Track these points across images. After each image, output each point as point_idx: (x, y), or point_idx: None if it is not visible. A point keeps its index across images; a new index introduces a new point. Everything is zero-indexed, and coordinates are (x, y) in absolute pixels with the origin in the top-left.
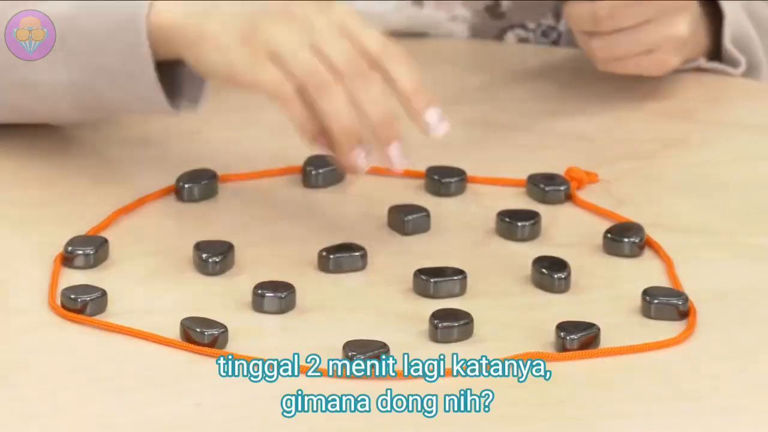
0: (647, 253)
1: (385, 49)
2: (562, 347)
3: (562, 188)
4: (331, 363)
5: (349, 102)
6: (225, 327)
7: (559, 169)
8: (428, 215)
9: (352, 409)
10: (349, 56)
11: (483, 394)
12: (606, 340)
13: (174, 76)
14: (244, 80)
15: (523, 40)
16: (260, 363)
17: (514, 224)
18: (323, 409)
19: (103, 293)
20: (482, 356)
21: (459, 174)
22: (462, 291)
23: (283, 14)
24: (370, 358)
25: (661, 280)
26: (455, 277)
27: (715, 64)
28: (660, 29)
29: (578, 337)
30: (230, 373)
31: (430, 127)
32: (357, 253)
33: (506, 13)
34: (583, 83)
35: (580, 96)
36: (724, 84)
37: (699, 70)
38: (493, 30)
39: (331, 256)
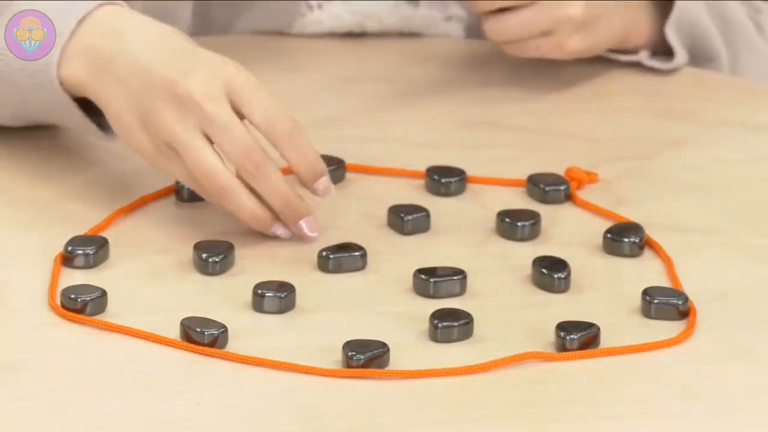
0: (647, 253)
1: (275, 131)
2: (562, 347)
3: (562, 188)
4: (331, 363)
5: (249, 195)
6: (225, 327)
7: (559, 169)
8: (428, 215)
9: (352, 408)
10: (243, 148)
11: (484, 394)
12: (606, 340)
13: None
14: (155, 166)
15: None
16: (260, 363)
17: (514, 224)
18: (323, 408)
19: (103, 293)
20: (482, 356)
21: (459, 174)
22: (462, 291)
23: (172, 97)
24: (370, 358)
25: (661, 280)
26: (455, 277)
27: (653, 62)
28: (551, 10)
29: (578, 337)
30: (230, 373)
31: (320, 193)
32: (357, 253)
33: None
34: (582, 83)
35: (579, 96)
36: (725, 84)
37: (640, 65)
38: None
39: (331, 256)
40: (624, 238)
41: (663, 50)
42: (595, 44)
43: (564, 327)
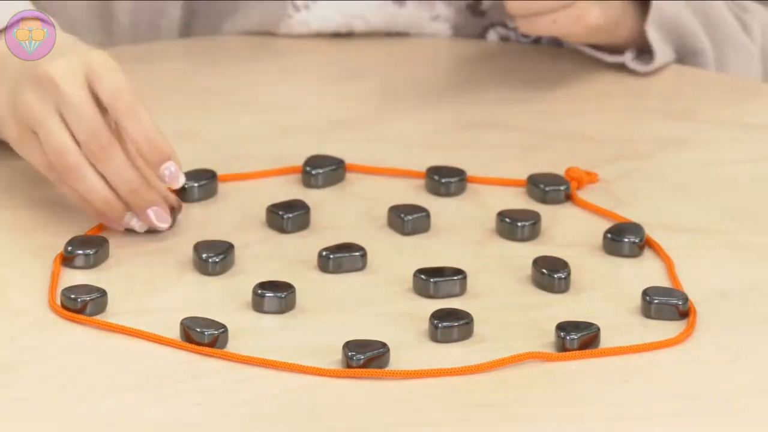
0: (647, 253)
1: (117, 102)
2: (562, 347)
3: (562, 188)
4: (331, 363)
5: (99, 178)
6: (225, 327)
7: (559, 169)
8: (428, 215)
9: (352, 408)
10: (89, 127)
11: (484, 394)
12: (606, 340)
13: None
14: (21, 153)
15: (504, 38)
16: (260, 363)
17: (514, 224)
18: (323, 408)
19: (103, 293)
20: (482, 356)
21: (459, 174)
22: (462, 291)
23: (34, 78)
24: (370, 358)
25: (661, 280)
26: (455, 277)
27: (635, 64)
28: None
29: (578, 337)
30: (230, 373)
31: (166, 180)
32: (357, 253)
33: (487, 11)
34: (582, 83)
35: (579, 96)
36: (725, 84)
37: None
38: (475, 28)
39: (331, 256)
40: (624, 238)
41: (648, 48)
42: (608, 23)
43: (564, 327)
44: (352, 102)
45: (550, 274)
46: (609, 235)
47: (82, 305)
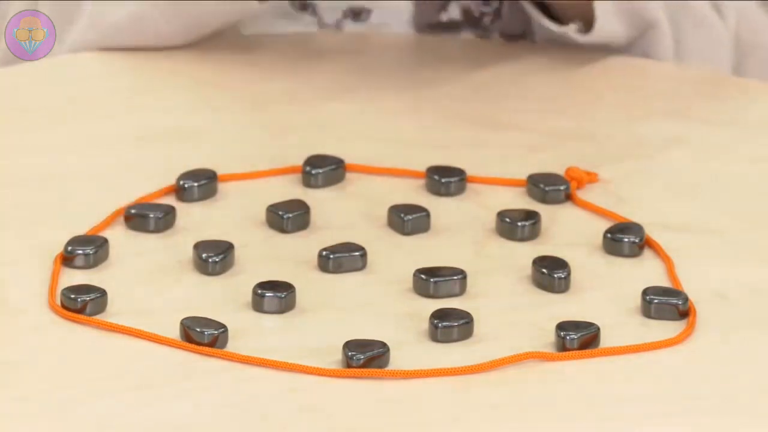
0: (647, 253)
1: None
2: (562, 347)
3: (562, 188)
4: (331, 363)
5: None
6: (225, 327)
7: (559, 169)
8: (428, 215)
9: (352, 408)
10: None
11: (484, 394)
12: (606, 340)
13: None
14: None
15: (466, 10)
16: (260, 363)
17: (514, 224)
18: (323, 408)
19: (103, 293)
20: (482, 356)
21: (459, 174)
22: (462, 291)
23: None
24: (370, 358)
25: (661, 280)
26: (455, 277)
27: (578, 35)
28: None
29: (578, 337)
30: (230, 373)
31: None
32: (357, 253)
33: None
34: (582, 83)
35: (579, 96)
36: (725, 84)
37: (637, 62)
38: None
39: (331, 256)
40: (624, 238)
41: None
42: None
43: (564, 327)
44: (352, 101)
45: (550, 274)
46: (609, 235)
47: (82, 305)
